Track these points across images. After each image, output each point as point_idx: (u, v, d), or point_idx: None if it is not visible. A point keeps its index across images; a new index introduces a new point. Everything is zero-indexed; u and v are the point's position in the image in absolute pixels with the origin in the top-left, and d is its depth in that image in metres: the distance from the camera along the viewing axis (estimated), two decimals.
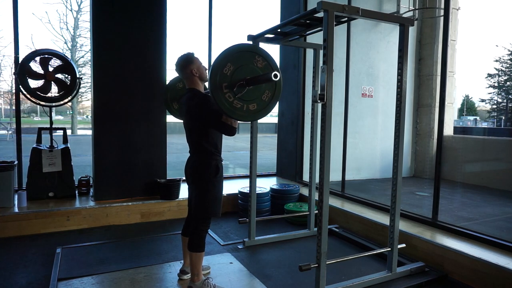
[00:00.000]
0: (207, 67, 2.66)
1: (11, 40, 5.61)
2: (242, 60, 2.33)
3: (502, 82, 28.79)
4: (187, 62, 2.52)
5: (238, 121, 2.39)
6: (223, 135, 2.55)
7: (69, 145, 4.50)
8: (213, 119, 2.40)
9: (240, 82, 2.27)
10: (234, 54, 2.31)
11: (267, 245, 3.61)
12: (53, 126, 4.49)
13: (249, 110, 2.34)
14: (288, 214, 4.28)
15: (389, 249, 2.88)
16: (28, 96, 4.27)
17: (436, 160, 3.74)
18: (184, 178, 2.78)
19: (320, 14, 2.48)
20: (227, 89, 2.25)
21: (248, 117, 2.37)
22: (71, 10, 23.08)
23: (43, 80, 4.24)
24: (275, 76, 2.14)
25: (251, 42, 3.36)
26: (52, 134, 4.45)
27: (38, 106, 4.97)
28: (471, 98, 33.44)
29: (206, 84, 2.56)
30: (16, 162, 4.21)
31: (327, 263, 2.50)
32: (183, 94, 2.70)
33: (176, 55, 2.62)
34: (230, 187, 5.01)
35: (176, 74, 2.74)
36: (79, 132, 22.10)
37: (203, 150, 2.52)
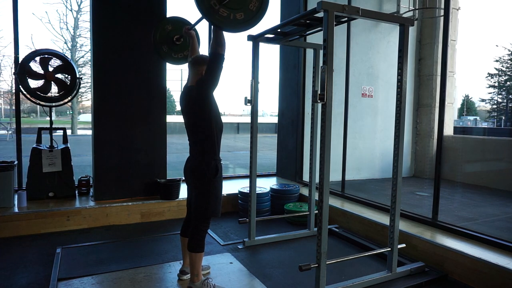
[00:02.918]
0: None
1: (11, 40, 5.61)
2: None
3: (502, 82, 28.79)
4: (202, 62, 2.53)
5: (228, 33, 2.35)
6: (221, 137, 2.57)
7: (69, 145, 4.50)
8: (207, 73, 2.41)
9: None
10: None
11: (267, 245, 3.61)
12: (54, 126, 4.49)
13: (236, 19, 2.27)
14: (288, 214, 4.28)
15: (389, 249, 2.88)
16: (28, 96, 4.27)
17: (436, 160, 3.74)
18: (184, 178, 2.78)
19: (320, 14, 2.48)
20: None
21: (235, 27, 2.30)
22: (71, 10, 23.13)
23: (43, 80, 4.24)
24: None
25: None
26: (52, 134, 4.45)
27: (38, 106, 4.97)
28: (471, 98, 33.46)
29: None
30: (16, 162, 4.21)
31: (327, 263, 2.50)
32: (183, 91, 2.68)
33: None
34: (230, 187, 5.01)
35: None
36: (79, 132, 22.09)
37: (203, 150, 2.53)
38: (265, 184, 5.04)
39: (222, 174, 2.61)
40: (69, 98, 4.46)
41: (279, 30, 3.31)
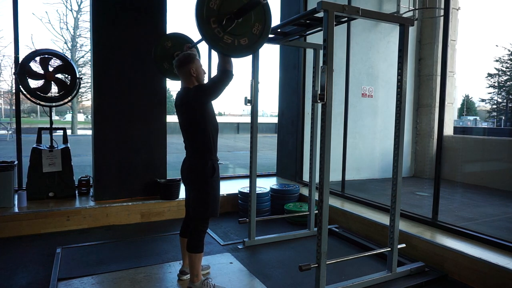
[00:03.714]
0: (206, 70, 2.65)
1: (11, 40, 5.61)
2: None
3: (502, 82, 28.78)
4: (187, 61, 2.51)
5: (232, 58, 2.37)
6: (218, 137, 2.57)
7: (69, 145, 4.50)
8: (212, 86, 2.42)
9: (228, 15, 2.18)
10: None
11: (267, 245, 3.61)
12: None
13: (241, 45, 2.28)
14: (288, 214, 4.28)
15: (389, 249, 2.88)
16: (28, 96, 4.27)
17: (436, 160, 3.74)
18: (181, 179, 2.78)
19: (320, 14, 2.48)
20: (215, 24, 2.17)
21: (241, 52, 2.30)
22: (71, 10, 23.09)
23: (43, 80, 4.24)
24: None
25: None
26: (52, 134, 4.45)
27: (38, 106, 4.97)
28: (471, 98, 33.45)
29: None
30: (16, 162, 4.21)
31: (327, 263, 2.50)
32: (179, 93, 2.67)
33: (176, 55, 2.60)
34: (230, 187, 5.01)
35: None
36: (79, 132, 22.10)
37: (199, 150, 2.52)
38: (265, 184, 5.04)
39: (219, 174, 2.60)
40: (69, 98, 4.46)
41: (279, 30, 3.31)
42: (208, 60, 5.27)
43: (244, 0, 2.24)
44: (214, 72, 2.62)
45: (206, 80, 2.64)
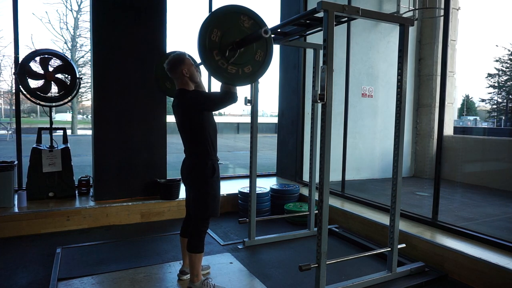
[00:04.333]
0: (206, 86, 2.63)
1: (11, 40, 5.61)
2: (227, 23, 2.24)
3: (502, 82, 28.77)
4: (178, 62, 2.48)
5: (237, 87, 2.37)
6: (218, 133, 2.55)
7: (69, 145, 4.50)
8: (211, 102, 2.40)
9: (230, 46, 2.20)
10: (218, 19, 2.22)
11: (267, 245, 3.61)
12: (54, 126, 4.49)
13: (245, 73, 2.29)
14: (288, 214, 4.28)
15: (389, 249, 2.88)
16: (28, 96, 4.27)
17: (436, 160, 3.74)
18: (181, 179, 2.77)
19: (320, 14, 2.48)
20: (218, 56, 2.19)
21: (245, 81, 2.32)
22: (71, 10, 23.09)
23: (43, 80, 4.24)
24: (265, 32, 2.05)
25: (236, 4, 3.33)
26: (52, 134, 4.45)
27: (38, 106, 4.97)
28: (471, 98, 33.43)
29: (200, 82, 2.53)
30: (16, 162, 4.21)
31: (327, 263, 2.50)
32: (174, 95, 2.67)
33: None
34: (230, 187, 5.01)
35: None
36: (79, 132, 22.09)
37: (198, 150, 2.51)
38: (265, 184, 5.04)
39: (219, 174, 2.59)
40: (69, 98, 4.46)
41: (279, 30, 3.31)
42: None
43: (244, 29, 2.27)
44: (214, 87, 2.60)
45: (200, 77, 2.62)
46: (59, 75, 4.35)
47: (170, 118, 3.61)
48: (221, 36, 2.20)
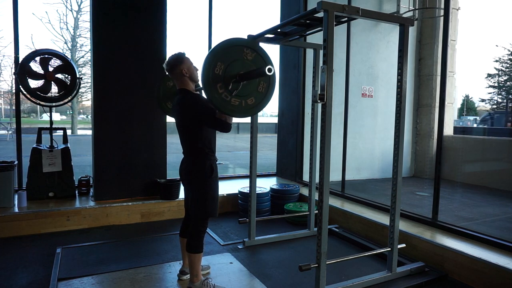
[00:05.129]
0: (198, 67, 2.62)
1: (11, 40, 5.61)
2: (231, 56, 2.29)
3: (502, 82, 28.77)
4: (177, 62, 2.48)
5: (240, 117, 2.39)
6: (218, 133, 2.55)
7: (69, 145, 4.50)
8: (207, 118, 2.39)
9: (233, 79, 2.24)
10: (222, 52, 2.27)
11: (267, 245, 3.61)
12: (54, 126, 4.49)
13: (248, 105, 2.33)
14: (288, 214, 4.28)
15: (389, 249, 2.88)
16: (28, 96, 4.27)
17: (436, 160, 3.74)
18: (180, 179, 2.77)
19: (320, 14, 2.48)
20: (222, 88, 2.23)
21: (248, 112, 2.36)
22: (71, 10, 23.07)
23: (43, 80, 4.24)
24: (269, 70, 2.09)
25: (239, 37, 3.34)
26: (52, 134, 4.45)
27: (38, 106, 4.97)
28: (471, 98, 33.43)
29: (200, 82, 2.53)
30: (16, 162, 4.21)
31: (327, 263, 2.50)
32: (174, 95, 2.67)
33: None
34: (230, 187, 5.01)
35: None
36: (79, 132, 22.09)
37: (196, 150, 2.51)
38: (265, 184, 5.04)
39: (217, 174, 2.60)
40: (69, 98, 4.46)
41: (279, 30, 3.30)
42: None
43: (246, 62, 2.31)
44: None
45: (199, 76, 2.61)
46: (59, 75, 4.35)
47: (170, 118, 3.61)
48: (224, 69, 2.26)
